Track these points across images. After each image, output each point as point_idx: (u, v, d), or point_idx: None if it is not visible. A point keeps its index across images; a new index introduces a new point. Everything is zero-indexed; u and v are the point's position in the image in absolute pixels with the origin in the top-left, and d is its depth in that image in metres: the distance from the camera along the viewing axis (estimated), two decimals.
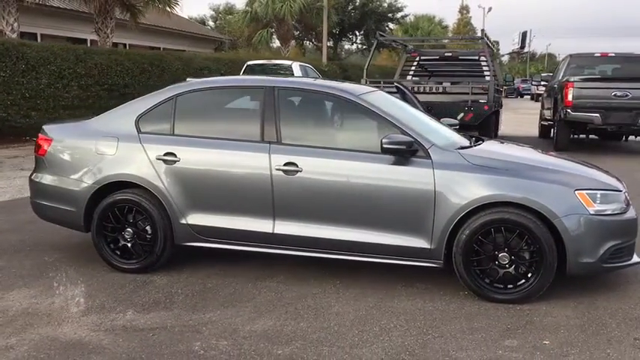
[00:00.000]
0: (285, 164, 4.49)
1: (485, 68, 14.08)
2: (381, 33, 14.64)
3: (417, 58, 14.78)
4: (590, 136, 13.64)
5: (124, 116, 4.99)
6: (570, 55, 14.62)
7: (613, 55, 14.22)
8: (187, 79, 14.97)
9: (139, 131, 4.86)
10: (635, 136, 13.22)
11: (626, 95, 11.97)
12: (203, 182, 4.69)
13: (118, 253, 4.89)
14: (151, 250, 4.80)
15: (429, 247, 4.32)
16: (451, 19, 53.29)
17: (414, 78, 14.41)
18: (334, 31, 32.33)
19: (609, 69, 14.56)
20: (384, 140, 4.27)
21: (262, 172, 4.53)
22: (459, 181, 4.24)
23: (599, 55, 14.21)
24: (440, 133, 4.78)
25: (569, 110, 12.18)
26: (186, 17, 35.10)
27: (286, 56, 27.52)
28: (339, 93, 4.71)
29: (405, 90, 9.56)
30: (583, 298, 4.34)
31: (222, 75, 19.46)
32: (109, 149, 4.87)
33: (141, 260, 4.83)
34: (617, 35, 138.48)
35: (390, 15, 35.82)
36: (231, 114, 5.08)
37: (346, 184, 4.43)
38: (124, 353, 3.52)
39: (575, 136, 13.42)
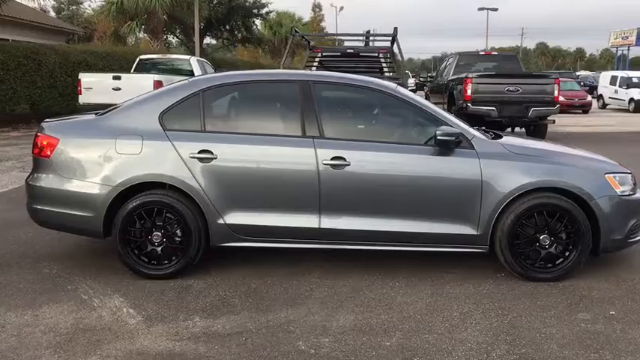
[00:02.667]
0: (332, 158, 4.47)
1: (384, 65, 14.61)
2: (296, 29, 14.66)
3: (320, 54, 14.99)
4: (482, 127, 14.70)
5: (144, 113, 4.66)
6: (459, 54, 15.67)
7: (495, 54, 15.45)
8: (80, 75, 13.96)
9: (164, 129, 4.58)
10: (521, 127, 14.47)
11: (517, 90, 13.09)
12: (243, 180, 4.53)
13: (145, 259, 4.58)
14: (184, 254, 4.56)
15: (475, 233, 4.53)
16: (306, 16, 54.18)
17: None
18: (200, 25, 31.61)
19: (491, 66, 15.81)
20: (438, 132, 4.41)
21: (308, 167, 4.48)
22: (504, 169, 4.49)
23: (483, 53, 15.39)
24: (465, 125, 4.99)
25: (469, 104, 13.06)
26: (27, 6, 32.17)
27: (156, 50, 26.54)
28: (377, 87, 4.78)
29: None
30: (607, 272, 4.77)
31: (101, 70, 18.44)
32: (133, 148, 4.53)
33: (174, 265, 4.57)
34: (456, 36, 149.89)
35: (255, 11, 35.82)
36: (266, 109, 4.92)
37: (394, 176, 4.51)
38: None
39: None
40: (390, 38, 13.39)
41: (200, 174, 4.49)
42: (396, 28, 12.57)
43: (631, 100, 28.64)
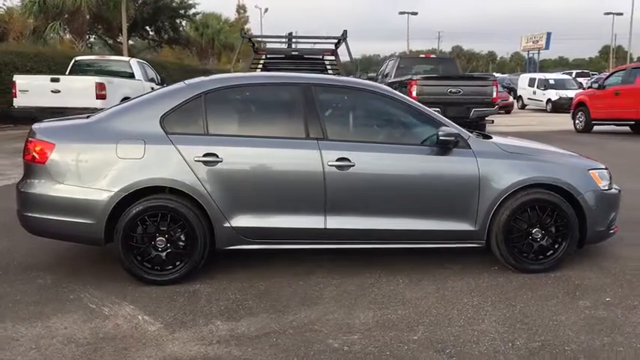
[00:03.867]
0: (337, 159, 4.55)
1: (328, 67, 14.77)
2: (245, 31, 14.51)
3: (264, 56, 14.97)
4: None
5: (144, 116, 4.58)
6: (400, 56, 16.08)
7: (434, 56, 15.97)
8: (15, 77, 13.34)
9: (166, 132, 4.52)
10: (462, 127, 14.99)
11: (459, 92, 13.59)
12: (249, 182, 4.53)
13: (148, 265, 4.51)
14: (189, 259, 4.52)
15: (473, 229, 4.73)
16: (230, 17, 53.67)
17: None
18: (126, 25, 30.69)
19: (429, 68, 16.31)
20: (440, 132, 4.59)
21: (314, 169, 4.54)
22: (499, 167, 4.72)
23: (423, 56, 15.86)
24: (459, 127, 5.17)
25: None
26: None
27: (81, 51, 25.68)
28: (375, 89, 4.91)
29: None
30: (590, 263, 5.09)
31: (29, 72, 17.69)
32: (135, 152, 4.45)
33: (179, 270, 4.52)
34: (377, 38, 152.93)
35: (182, 11, 35.18)
36: (269, 111, 4.94)
37: (398, 175, 4.65)
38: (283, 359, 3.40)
39: None
40: (336, 40, 13.56)
41: (205, 177, 4.47)
42: (345, 31, 12.75)
43: (548, 100, 30.27)
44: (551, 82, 31.02)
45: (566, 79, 32.55)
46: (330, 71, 14.78)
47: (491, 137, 5.17)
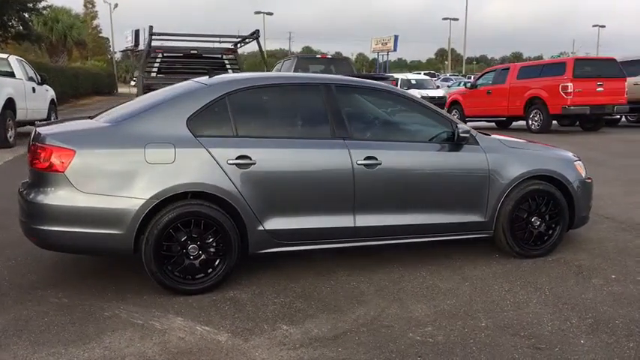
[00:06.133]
0: (365, 158, 4.63)
1: (228, 66, 14.57)
2: (151, 26, 13.74)
3: (161, 55, 14.41)
4: None
5: (169, 119, 4.35)
6: (297, 57, 16.30)
7: (330, 57, 16.42)
8: None
9: (194, 135, 4.34)
10: None
11: None
12: (282, 184, 4.47)
13: (180, 274, 4.30)
14: (224, 265, 4.38)
15: (484, 220, 5.04)
16: (79, 12, 50.62)
17: (158, 75, 14.03)
18: None
19: (324, 68, 16.69)
20: (459, 130, 4.83)
21: (344, 168, 4.59)
22: (505, 161, 5.06)
23: (319, 56, 16.23)
24: None
25: None
26: None
27: None
28: (393, 90, 5.08)
29: None
30: (575, 246, 5.59)
31: None
32: (165, 157, 4.22)
33: (214, 277, 4.36)
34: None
35: (30, 5, 32.43)
36: (293, 112, 4.87)
37: (420, 172, 4.83)
38: (380, 356, 3.43)
39: None
40: (240, 39, 13.44)
41: (239, 180, 4.35)
42: (257, 30, 12.68)
43: None
44: (413, 82, 32.85)
45: (425, 79, 34.67)
46: (230, 70, 14.64)
47: (489, 135, 5.51)
